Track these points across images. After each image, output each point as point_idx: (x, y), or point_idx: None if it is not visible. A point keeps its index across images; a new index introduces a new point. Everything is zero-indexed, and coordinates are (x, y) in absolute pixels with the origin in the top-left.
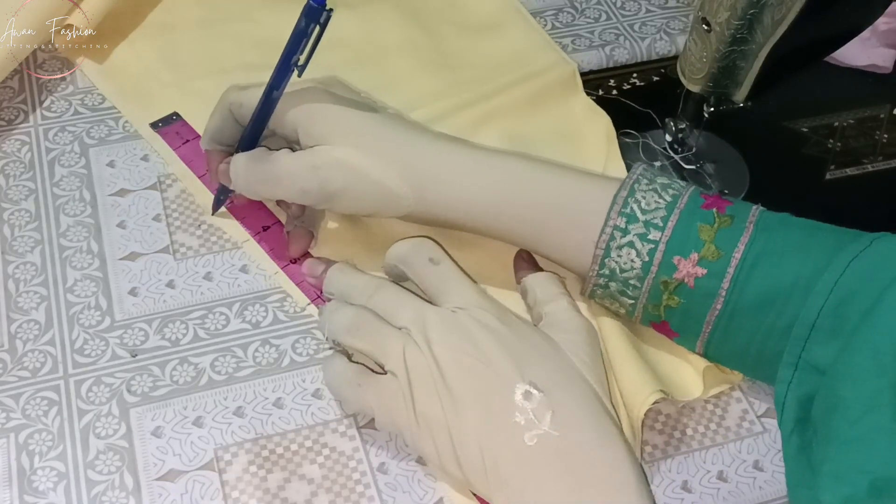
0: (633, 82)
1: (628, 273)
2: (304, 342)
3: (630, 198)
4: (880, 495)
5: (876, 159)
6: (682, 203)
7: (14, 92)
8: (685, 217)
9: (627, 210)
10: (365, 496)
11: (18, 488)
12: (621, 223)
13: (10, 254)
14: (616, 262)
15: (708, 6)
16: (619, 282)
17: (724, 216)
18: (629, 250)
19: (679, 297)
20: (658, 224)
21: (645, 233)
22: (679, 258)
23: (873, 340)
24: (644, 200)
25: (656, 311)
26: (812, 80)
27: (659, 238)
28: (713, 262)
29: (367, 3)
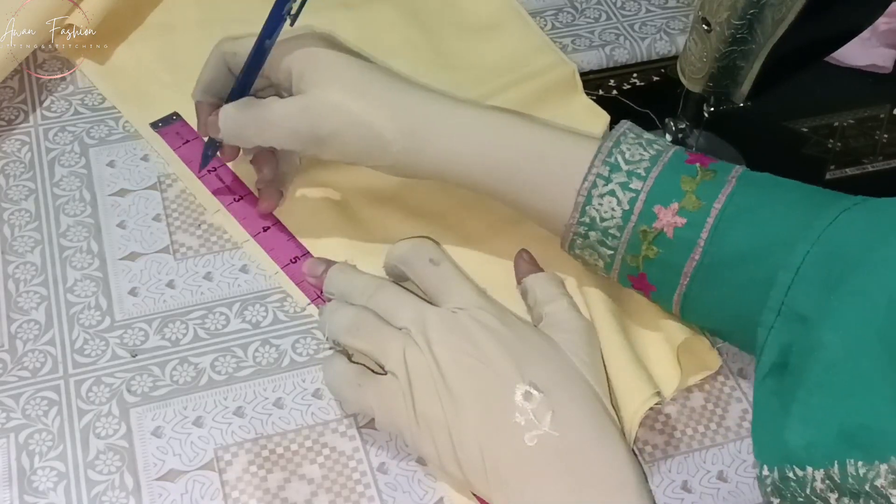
0: (633, 82)
1: (608, 222)
2: (304, 342)
3: (615, 148)
4: (849, 443)
5: (876, 159)
6: (667, 157)
7: (14, 92)
8: (668, 169)
9: (612, 160)
10: (365, 496)
11: (18, 488)
12: (604, 172)
13: (10, 254)
14: (597, 211)
15: (708, 6)
16: (598, 231)
17: (707, 170)
18: (610, 199)
19: (658, 248)
20: (641, 174)
21: (627, 182)
22: (659, 207)
23: (864, 289)
24: (629, 152)
25: (634, 261)
26: (812, 80)
27: (641, 187)
28: (693, 213)
29: (366, 3)
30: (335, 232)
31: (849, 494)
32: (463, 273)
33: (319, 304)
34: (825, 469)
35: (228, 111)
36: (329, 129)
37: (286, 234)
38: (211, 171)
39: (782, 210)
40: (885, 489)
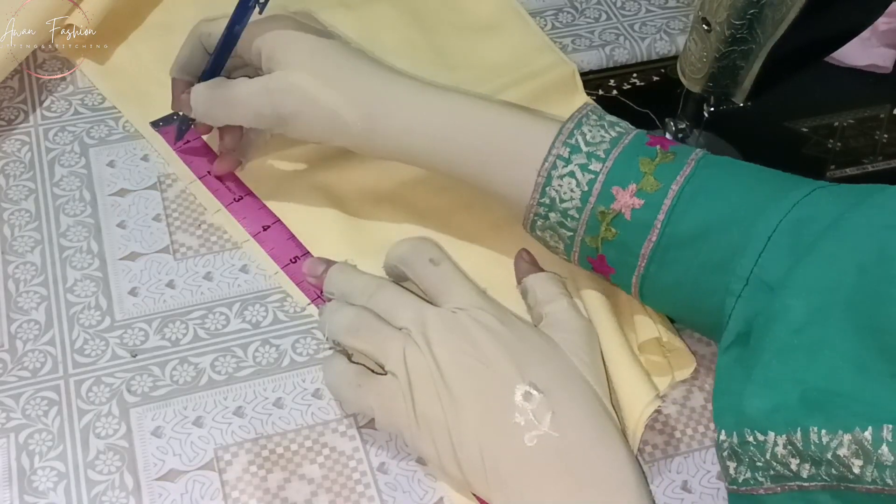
0: (633, 82)
1: (567, 203)
2: (304, 342)
3: (576, 130)
4: (812, 406)
5: (876, 159)
6: (627, 139)
7: (14, 92)
8: (628, 151)
9: (572, 141)
10: (365, 496)
11: (18, 488)
12: (564, 153)
13: (10, 254)
14: (556, 192)
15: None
16: (558, 212)
17: (666, 153)
18: (570, 180)
19: (616, 229)
20: (600, 156)
21: (586, 163)
22: (618, 188)
23: (833, 254)
24: (590, 134)
25: (594, 243)
26: (812, 80)
27: (600, 169)
28: (651, 194)
29: (365, 3)
30: (335, 232)
31: (810, 461)
32: (463, 273)
33: (319, 304)
34: (787, 434)
35: (199, 90)
36: (290, 111)
37: (286, 233)
38: (210, 173)
39: (740, 190)
40: (847, 459)
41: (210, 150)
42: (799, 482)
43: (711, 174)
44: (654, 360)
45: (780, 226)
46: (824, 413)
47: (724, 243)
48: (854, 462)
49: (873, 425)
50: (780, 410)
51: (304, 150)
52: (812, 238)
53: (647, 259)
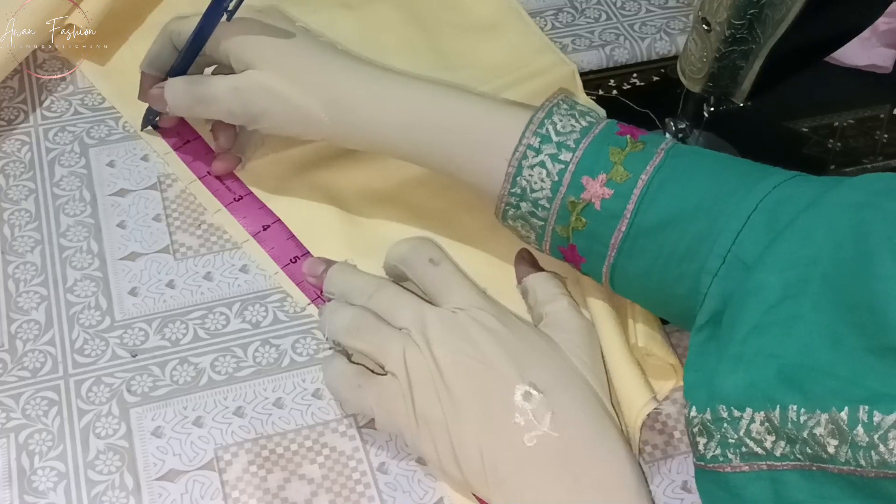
0: (633, 82)
1: (538, 193)
2: (304, 342)
3: (547, 119)
4: (788, 382)
5: (876, 159)
6: (598, 129)
7: (14, 92)
8: (598, 141)
9: (542, 131)
10: (365, 496)
11: (18, 488)
12: (535, 143)
13: (10, 254)
14: (527, 181)
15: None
16: (529, 202)
17: (636, 142)
18: (540, 170)
19: (586, 219)
20: (570, 146)
21: (556, 153)
22: (587, 178)
23: (809, 231)
24: (560, 123)
25: (564, 232)
26: (812, 80)
27: (570, 159)
28: (620, 184)
29: (365, 3)
30: (335, 232)
31: (785, 438)
32: (463, 273)
33: (319, 303)
34: (765, 411)
35: (177, 86)
36: (259, 109)
37: (286, 233)
38: (210, 173)
39: (708, 179)
40: (822, 438)
41: (210, 149)
42: (770, 461)
43: (680, 163)
44: (658, 364)
45: (760, 205)
46: (801, 391)
47: (692, 231)
48: (829, 442)
49: (850, 405)
50: (757, 386)
51: (304, 150)
52: (789, 217)
53: (616, 249)
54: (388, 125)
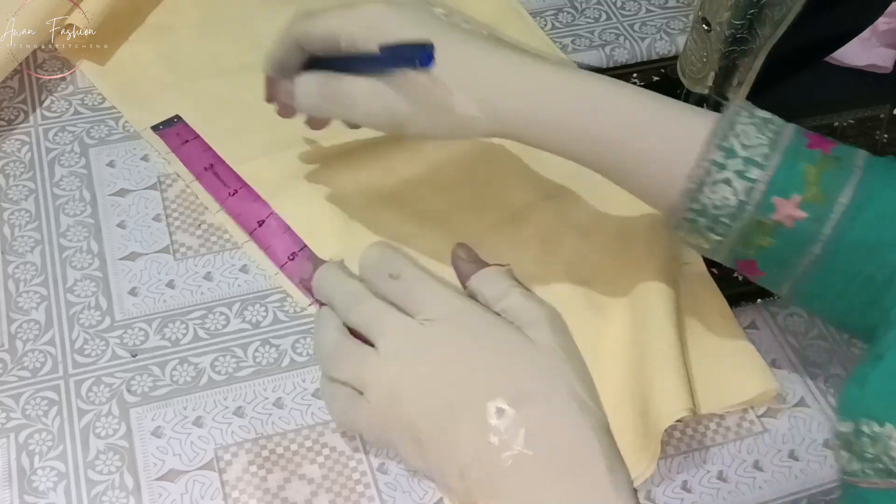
0: (633, 82)
1: (720, 210)
2: (304, 342)
3: (730, 131)
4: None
5: None
6: (786, 141)
7: (14, 92)
8: (789, 156)
9: (727, 144)
10: (365, 496)
11: (18, 488)
12: (719, 158)
13: (10, 254)
14: (709, 198)
15: (708, 6)
16: (708, 218)
17: (829, 157)
18: (724, 186)
19: (773, 239)
20: (758, 162)
21: (743, 170)
22: (779, 199)
23: None
24: (744, 135)
25: (745, 249)
26: (812, 80)
27: (759, 177)
28: (816, 205)
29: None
30: (334, 230)
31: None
32: (428, 278)
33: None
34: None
35: (310, 85)
36: (406, 114)
37: (283, 226)
38: (207, 169)
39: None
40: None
41: (208, 147)
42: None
43: (882, 183)
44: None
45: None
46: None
47: (889, 263)
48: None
49: None
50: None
51: (304, 149)
52: None
53: (806, 269)
54: (552, 122)
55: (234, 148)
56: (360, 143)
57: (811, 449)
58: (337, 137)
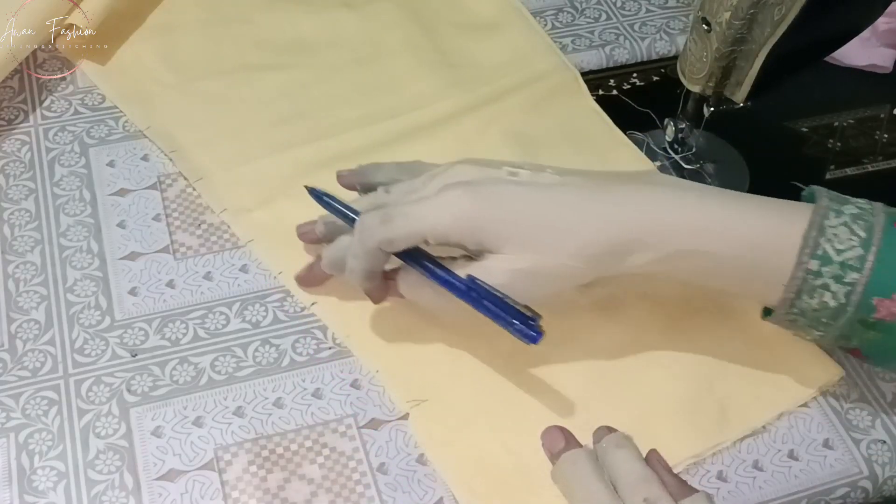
0: (633, 82)
1: (820, 313)
2: (304, 342)
3: (822, 237)
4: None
5: (876, 159)
6: (878, 236)
7: (14, 92)
8: (884, 255)
9: (819, 252)
10: (365, 496)
11: (18, 488)
12: (814, 266)
13: (10, 254)
14: (808, 304)
15: (708, 6)
16: (809, 319)
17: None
18: (823, 292)
19: (878, 332)
20: (855, 266)
21: (840, 275)
22: (879, 299)
23: None
24: (836, 239)
25: (849, 342)
26: (812, 80)
27: (856, 280)
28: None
29: (367, 3)
30: None
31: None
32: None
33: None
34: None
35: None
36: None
37: None
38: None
39: None
40: None
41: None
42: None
43: None
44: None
45: None
46: None
47: None
48: None
49: None
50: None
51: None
52: None
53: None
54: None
55: (234, 148)
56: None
57: (811, 449)
58: (338, 136)
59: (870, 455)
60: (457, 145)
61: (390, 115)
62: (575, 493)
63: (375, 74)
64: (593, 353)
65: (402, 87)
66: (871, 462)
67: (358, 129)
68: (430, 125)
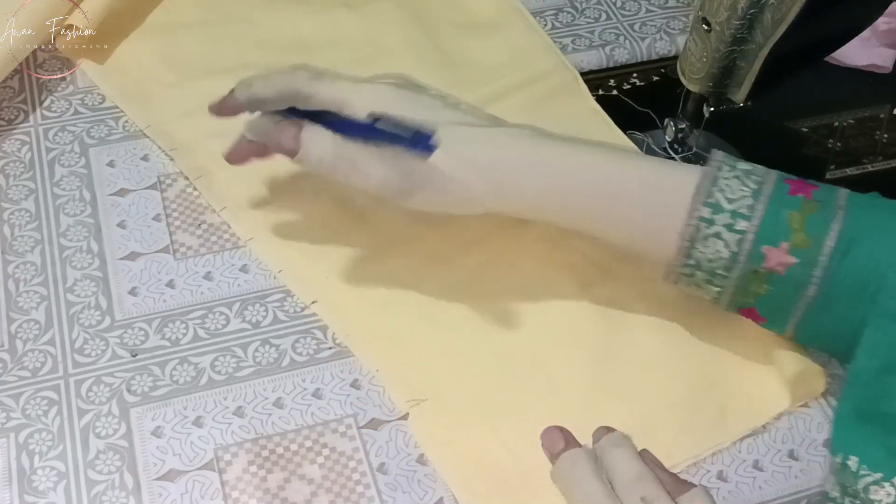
0: (633, 82)
1: (715, 263)
2: (304, 342)
3: (714, 186)
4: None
5: (876, 159)
6: (768, 189)
7: (14, 92)
8: (773, 205)
9: (712, 200)
10: (365, 496)
11: (18, 488)
12: (706, 213)
13: (10, 254)
14: (702, 253)
15: (708, 6)
16: (705, 271)
17: (811, 202)
18: (716, 241)
19: (769, 286)
20: (745, 213)
21: (731, 223)
22: (768, 248)
23: None
24: (728, 189)
25: (745, 297)
26: (812, 80)
27: (746, 228)
28: (804, 251)
29: (367, 2)
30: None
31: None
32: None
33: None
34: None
35: (325, 144)
36: (418, 181)
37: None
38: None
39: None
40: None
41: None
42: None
43: (861, 222)
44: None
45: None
46: None
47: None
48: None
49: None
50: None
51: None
52: None
53: (803, 311)
54: (551, 200)
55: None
56: None
57: (811, 449)
58: None
59: None
60: None
61: None
62: (573, 493)
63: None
64: (593, 354)
65: None
66: None
67: None
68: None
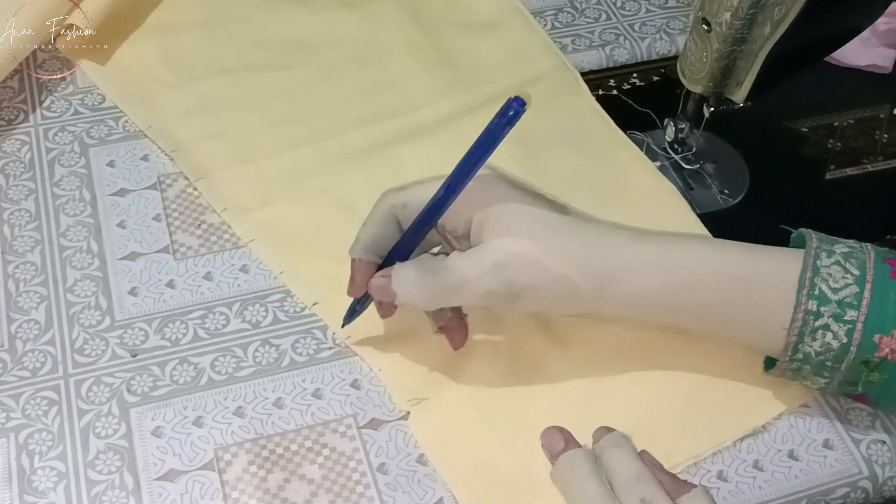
0: (633, 82)
1: (824, 356)
2: (304, 342)
3: (816, 277)
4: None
5: (876, 159)
6: (871, 274)
7: (14, 92)
8: (878, 290)
9: (816, 292)
10: (365, 496)
11: (18, 488)
12: (813, 307)
13: (10, 254)
14: (810, 347)
15: (708, 6)
16: (813, 364)
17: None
18: (824, 332)
19: (881, 373)
20: (852, 303)
21: (840, 313)
22: (880, 336)
23: None
24: (832, 278)
25: (854, 385)
26: (812, 80)
27: (855, 317)
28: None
29: (367, 2)
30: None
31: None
32: None
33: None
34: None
35: (408, 275)
36: (524, 284)
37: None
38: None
39: None
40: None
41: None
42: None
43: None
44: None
45: None
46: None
47: None
48: None
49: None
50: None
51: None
52: None
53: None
54: (655, 299)
55: (235, 148)
56: (369, 141)
57: (811, 449)
58: (339, 136)
59: (870, 455)
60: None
61: (390, 114)
62: (573, 494)
63: (375, 74)
64: (593, 354)
65: (403, 87)
66: (871, 462)
67: (358, 128)
68: (430, 125)
